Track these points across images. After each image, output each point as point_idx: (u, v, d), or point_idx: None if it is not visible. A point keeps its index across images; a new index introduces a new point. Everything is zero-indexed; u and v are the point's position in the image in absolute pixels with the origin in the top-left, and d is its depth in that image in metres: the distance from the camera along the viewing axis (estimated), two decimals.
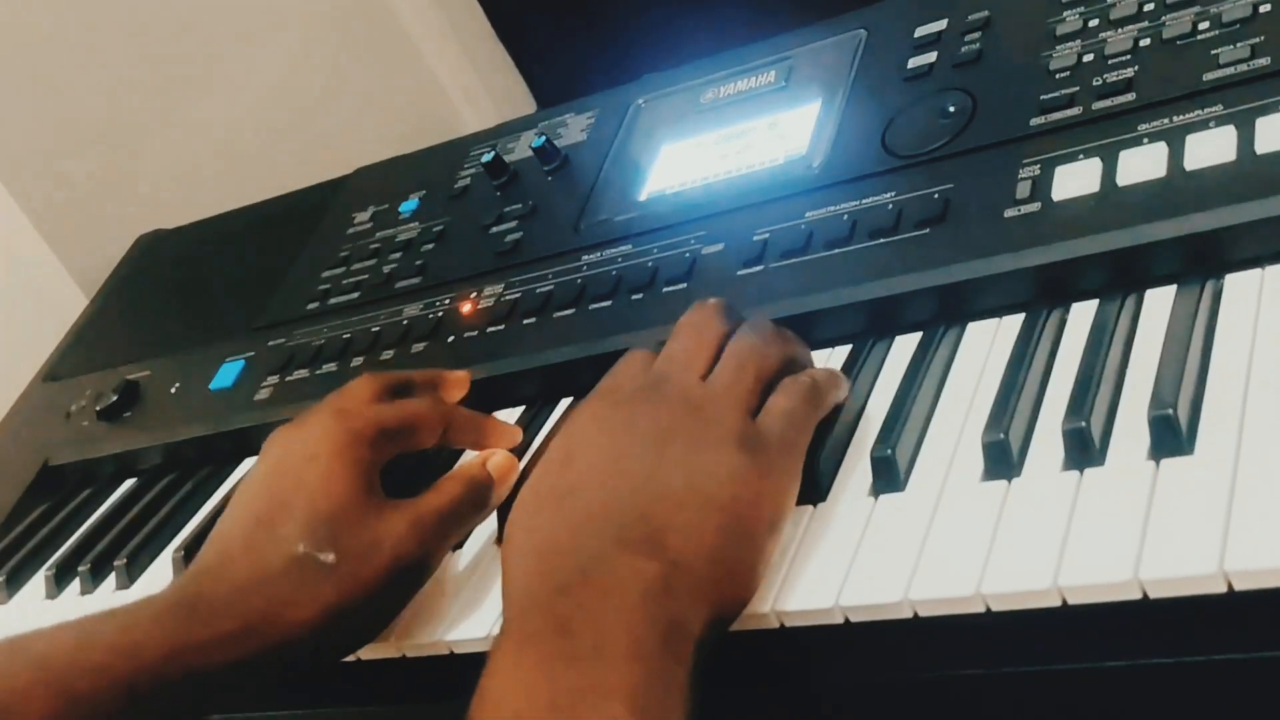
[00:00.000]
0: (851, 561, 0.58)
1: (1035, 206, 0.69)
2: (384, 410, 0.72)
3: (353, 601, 0.64)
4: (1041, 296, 0.67)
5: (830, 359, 0.72)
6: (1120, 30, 0.75)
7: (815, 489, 0.63)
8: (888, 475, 0.61)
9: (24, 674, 0.61)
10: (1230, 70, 0.68)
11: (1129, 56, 0.73)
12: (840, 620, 0.56)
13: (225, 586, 0.65)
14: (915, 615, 0.54)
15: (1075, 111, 0.72)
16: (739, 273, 0.77)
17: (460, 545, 0.73)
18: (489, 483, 0.70)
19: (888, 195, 0.75)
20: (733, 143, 0.88)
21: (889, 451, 0.61)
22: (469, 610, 0.68)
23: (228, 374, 0.99)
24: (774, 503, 0.59)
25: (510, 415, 0.83)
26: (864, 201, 0.76)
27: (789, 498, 0.60)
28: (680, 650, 0.53)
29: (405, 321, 0.92)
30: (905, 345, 0.70)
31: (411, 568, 0.66)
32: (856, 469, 0.63)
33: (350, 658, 0.70)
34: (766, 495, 0.58)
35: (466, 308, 0.89)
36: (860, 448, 0.64)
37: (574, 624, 0.53)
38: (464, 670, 0.67)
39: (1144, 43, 0.73)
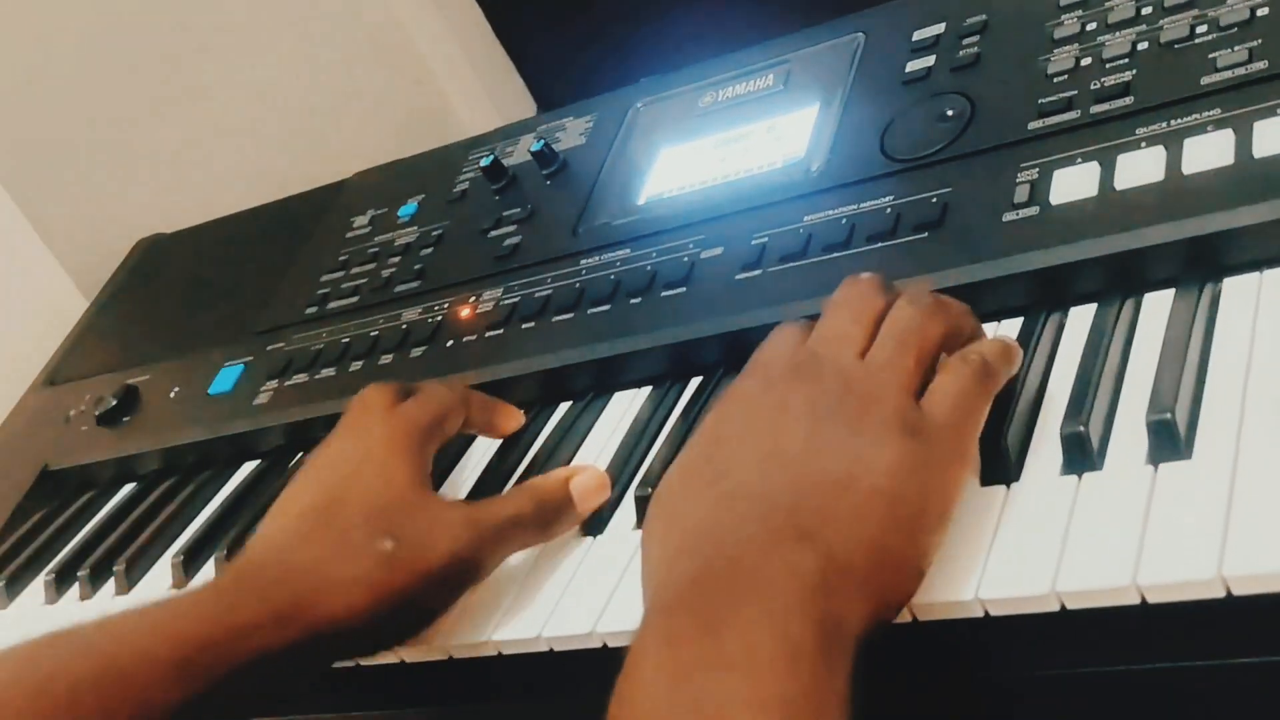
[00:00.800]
0: None
1: (1033, 210, 0.69)
2: (416, 407, 0.72)
3: (405, 591, 0.63)
4: (1039, 300, 0.67)
5: None
6: (1118, 34, 0.75)
7: None
8: None
9: (73, 662, 0.60)
10: (1228, 74, 0.68)
11: (1127, 60, 0.73)
12: None
13: (275, 569, 0.64)
14: (914, 619, 0.54)
15: (1073, 115, 0.72)
16: (737, 276, 0.77)
17: None
18: (563, 502, 0.68)
19: (886, 199, 0.75)
20: (731, 146, 0.88)
21: None
22: (470, 614, 0.68)
23: (227, 378, 0.99)
24: (940, 493, 0.54)
25: None
26: (862, 205, 0.76)
27: (957, 487, 0.55)
28: (838, 654, 0.49)
29: (404, 326, 0.92)
30: None
31: (466, 567, 0.65)
32: None
33: (349, 663, 0.70)
34: (932, 485, 0.54)
35: (465, 312, 0.89)
36: None
37: (723, 624, 0.49)
38: (464, 674, 0.68)
39: (1142, 46, 0.73)
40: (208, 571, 0.84)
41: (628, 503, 0.70)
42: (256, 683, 0.62)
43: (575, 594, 0.66)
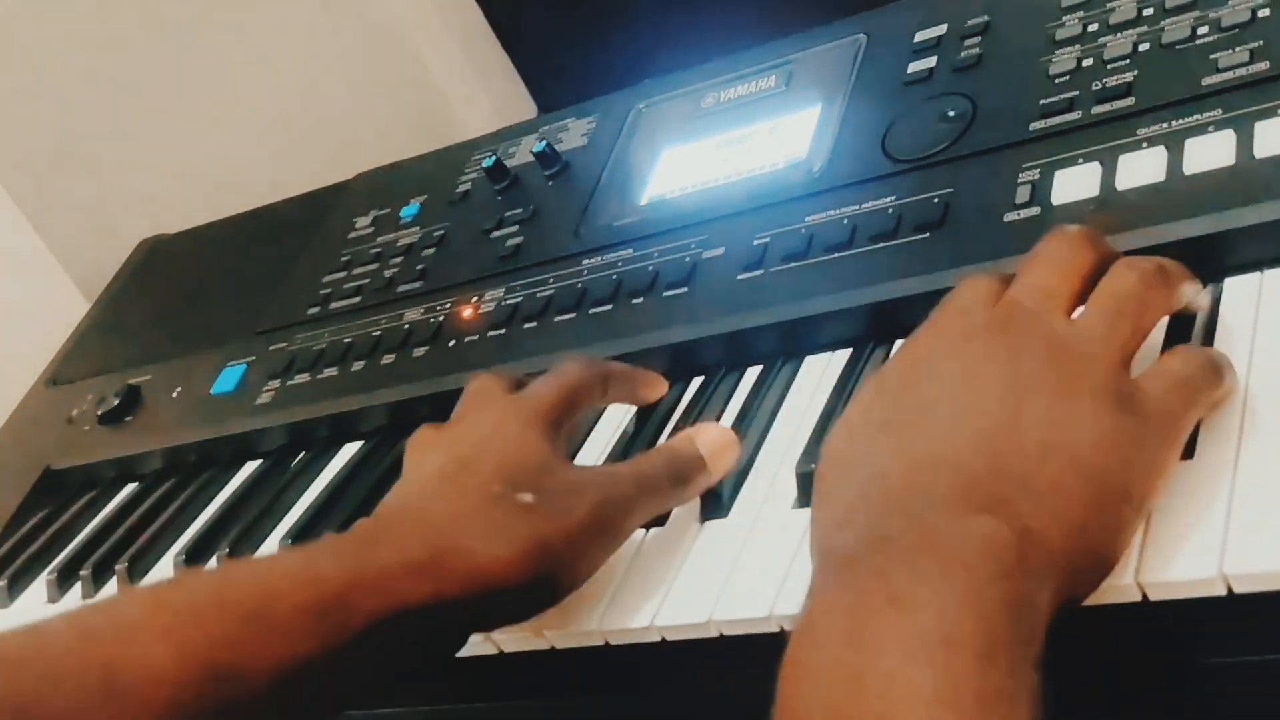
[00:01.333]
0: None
1: (1034, 210, 0.69)
2: (545, 388, 0.68)
3: (548, 549, 0.59)
4: None
5: (830, 363, 0.73)
6: (1119, 35, 0.75)
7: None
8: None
9: (206, 604, 0.56)
10: (1229, 75, 0.68)
11: (1128, 61, 0.73)
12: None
13: (414, 520, 0.60)
14: None
15: (1075, 116, 0.72)
16: (739, 276, 0.78)
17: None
18: (694, 459, 0.65)
19: (887, 199, 0.75)
20: (733, 147, 0.88)
21: None
22: None
23: (229, 378, 0.99)
24: (1147, 477, 0.50)
25: None
26: (864, 206, 0.76)
27: (1163, 475, 0.51)
28: (1031, 643, 0.45)
29: (406, 326, 0.92)
30: None
31: (607, 526, 0.62)
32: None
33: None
34: (1139, 466, 0.50)
35: (467, 312, 0.90)
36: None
37: (913, 601, 0.44)
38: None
39: (1143, 47, 0.73)
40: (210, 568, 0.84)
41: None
42: (394, 642, 0.58)
43: None
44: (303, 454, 0.92)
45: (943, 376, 0.53)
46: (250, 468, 0.94)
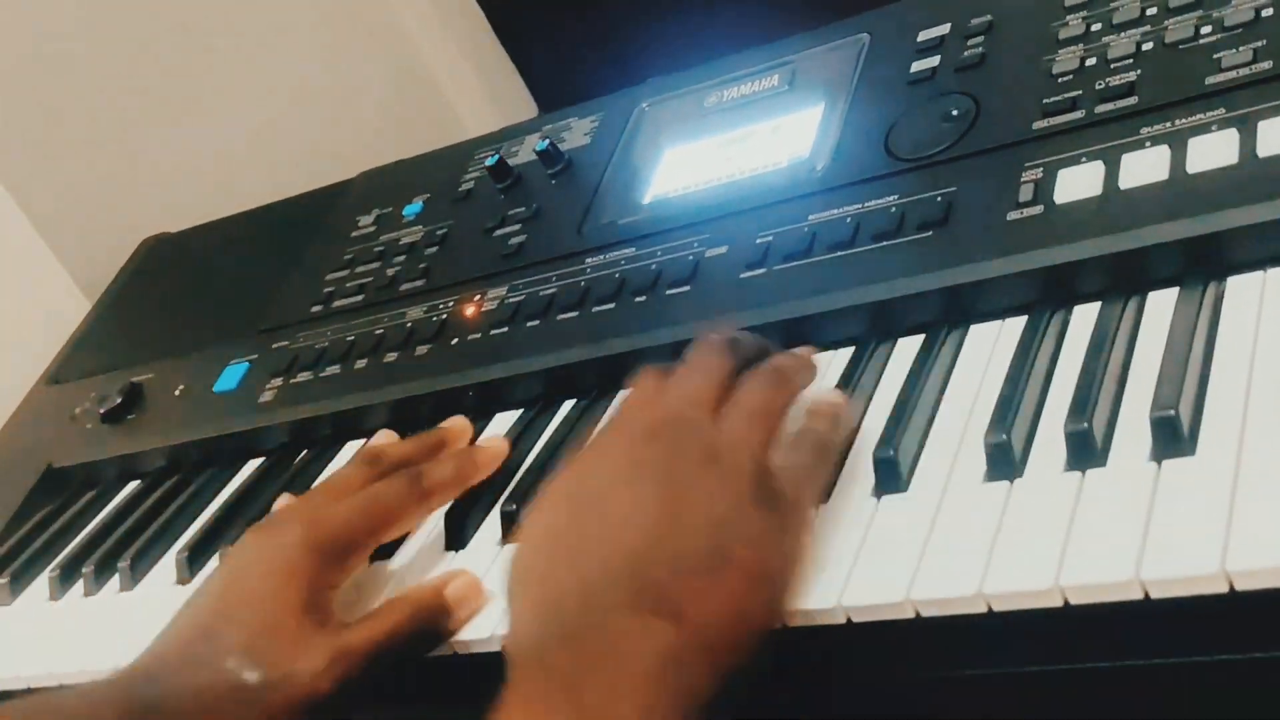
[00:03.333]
0: (854, 562, 0.58)
1: (1038, 209, 0.69)
2: (344, 513, 0.70)
3: None
4: (1044, 299, 0.67)
5: (833, 361, 0.73)
6: (1123, 34, 0.75)
7: None
8: (890, 476, 0.61)
9: None
10: (1232, 74, 0.68)
11: (1131, 60, 0.73)
12: (843, 620, 0.56)
13: (157, 690, 0.66)
14: (917, 615, 0.55)
15: (1078, 115, 0.72)
16: (742, 275, 0.78)
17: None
18: (441, 610, 0.67)
19: (890, 198, 0.75)
20: (736, 146, 0.88)
21: (891, 452, 0.61)
22: None
23: (231, 376, 0.99)
24: (790, 563, 0.57)
25: (510, 418, 0.83)
26: (867, 204, 0.76)
27: (802, 560, 0.58)
28: (692, 718, 0.53)
29: (409, 324, 0.92)
30: (908, 347, 0.70)
31: (324, 706, 0.64)
32: (859, 470, 0.63)
33: None
34: (786, 554, 0.57)
35: (470, 310, 0.90)
36: (863, 449, 0.64)
37: (585, 687, 0.53)
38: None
39: (1146, 46, 0.73)
40: (211, 568, 0.84)
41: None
42: None
43: None
44: (305, 452, 0.92)
45: (607, 485, 0.59)
46: (252, 466, 0.94)
